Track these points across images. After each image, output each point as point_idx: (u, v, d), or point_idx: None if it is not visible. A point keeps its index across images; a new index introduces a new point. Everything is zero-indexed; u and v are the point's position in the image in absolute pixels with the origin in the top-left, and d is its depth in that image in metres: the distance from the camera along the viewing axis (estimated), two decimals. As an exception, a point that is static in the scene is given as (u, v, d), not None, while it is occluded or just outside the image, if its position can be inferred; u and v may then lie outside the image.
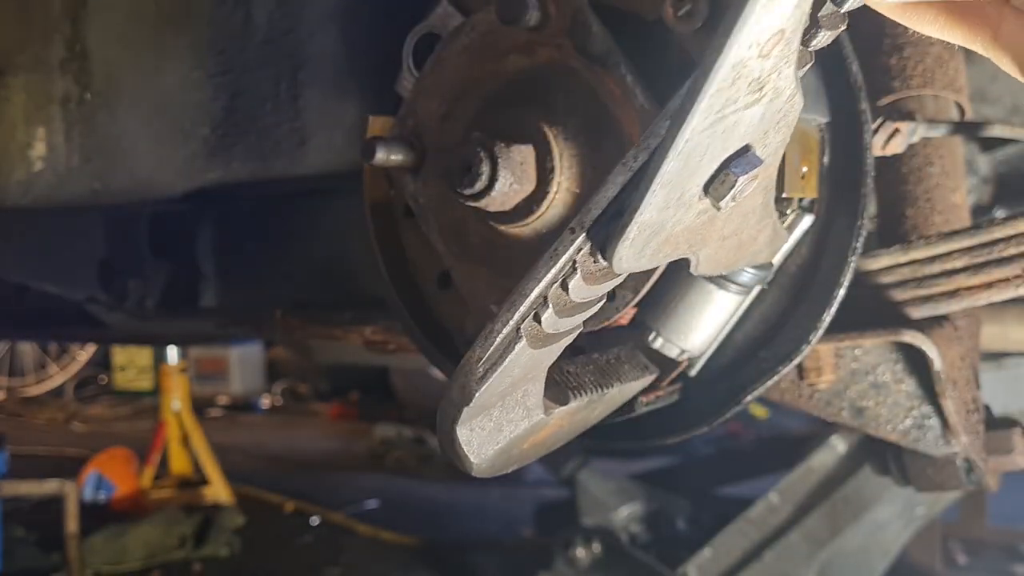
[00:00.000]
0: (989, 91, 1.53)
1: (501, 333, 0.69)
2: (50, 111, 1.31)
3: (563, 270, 0.67)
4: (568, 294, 0.68)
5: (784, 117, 0.64)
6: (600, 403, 0.88)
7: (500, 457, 0.80)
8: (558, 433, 0.87)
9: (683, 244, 0.68)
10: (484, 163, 0.81)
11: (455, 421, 0.74)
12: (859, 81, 0.92)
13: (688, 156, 0.58)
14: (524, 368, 0.73)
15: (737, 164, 0.61)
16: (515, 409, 0.78)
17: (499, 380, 0.72)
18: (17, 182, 1.33)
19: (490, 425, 0.77)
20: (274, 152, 1.22)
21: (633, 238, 0.62)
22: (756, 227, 0.76)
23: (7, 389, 8.89)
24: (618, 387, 0.88)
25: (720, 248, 0.74)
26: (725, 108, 0.57)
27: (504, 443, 0.79)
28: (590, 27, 0.82)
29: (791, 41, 0.57)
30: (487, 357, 0.70)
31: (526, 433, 0.81)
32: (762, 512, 2.95)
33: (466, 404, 0.72)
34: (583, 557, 3.26)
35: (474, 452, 0.77)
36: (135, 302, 1.76)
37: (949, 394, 1.02)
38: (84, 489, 4.70)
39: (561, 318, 0.70)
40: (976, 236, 1.01)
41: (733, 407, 0.96)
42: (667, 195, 0.60)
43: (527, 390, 0.78)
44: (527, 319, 0.69)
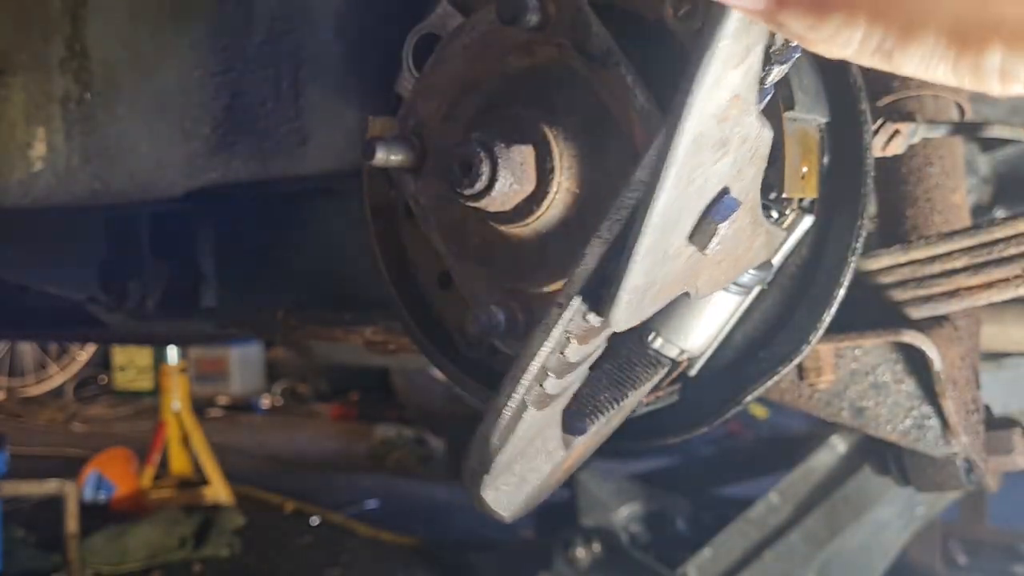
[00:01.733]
0: (989, 91, 1.53)
1: (510, 408, 0.72)
2: (50, 111, 1.31)
3: (559, 342, 0.70)
4: (566, 357, 0.71)
5: (756, 151, 0.65)
6: (618, 414, 0.89)
7: (531, 498, 0.84)
8: (584, 453, 0.89)
9: (678, 286, 0.70)
10: (484, 163, 0.81)
11: (479, 488, 0.78)
12: (859, 81, 0.92)
13: (664, 223, 0.60)
14: (537, 427, 0.76)
15: (716, 212, 0.63)
16: (536, 457, 0.80)
17: (514, 445, 0.75)
18: (17, 182, 1.33)
19: (514, 480, 0.80)
20: (274, 152, 1.22)
21: (627, 302, 0.64)
22: (749, 240, 0.77)
23: (7, 389, 8.89)
24: (633, 393, 0.89)
25: (716, 271, 0.75)
26: (693, 174, 0.59)
27: (532, 489, 0.82)
28: (590, 27, 0.82)
29: (747, 98, 0.58)
30: (498, 431, 0.73)
31: (552, 471, 0.83)
32: (762, 512, 2.95)
33: (485, 473, 0.76)
34: (583, 557, 3.27)
35: (503, 508, 0.80)
36: (135, 302, 1.76)
37: (949, 394, 1.02)
38: (84, 489, 4.70)
39: (563, 378, 0.72)
40: (976, 236, 1.01)
41: (733, 407, 0.96)
42: (652, 257, 0.62)
43: (545, 435, 0.80)
44: (532, 390, 0.72)
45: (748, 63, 0.55)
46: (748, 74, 0.56)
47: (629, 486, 3.61)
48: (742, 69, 0.55)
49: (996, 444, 1.13)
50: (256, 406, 8.57)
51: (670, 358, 0.95)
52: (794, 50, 0.61)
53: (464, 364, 1.02)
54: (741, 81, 0.56)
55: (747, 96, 0.58)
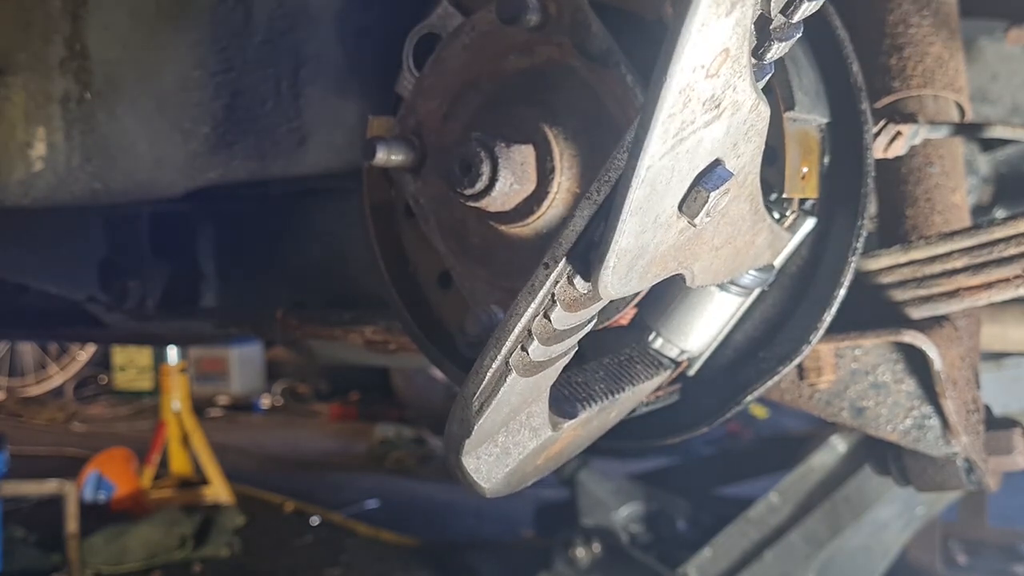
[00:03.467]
0: (989, 91, 1.53)
1: (490, 369, 0.71)
2: (50, 110, 1.31)
3: (543, 304, 0.68)
4: (552, 323, 0.69)
5: (752, 127, 0.64)
6: (614, 407, 0.88)
7: (513, 477, 0.82)
8: (574, 442, 0.88)
9: (672, 262, 0.69)
10: (484, 163, 0.81)
11: (459, 453, 0.76)
12: (859, 82, 0.92)
13: (654, 181, 0.59)
14: (521, 395, 0.74)
15: (707, 180, 0.62)
16: (520, 432, 0.79)
17: (496, 411, 0.73)
18: (17, 182, 1.33)
19: (496, 451, 0.78)
20: (274, 151, 1.22)
21: (614, 265, 0.62)
22: (750, 233, 0.77)
23: (7, 389, 8.89)
24: (631, 389, 0.88)
25: (715, 259, 0.74)
26: (682, 131, 0.58)
27: (514, 464, 0.80)
28: (590, 27, 0.82)
29: (738, 58, 0.57)
30: (480, 392, 0.72)
31: (537, 451, 0.82)
32: (762, 512, 2.95)
33: (466, 437, 0.74)
34: (583, 557, 3.26)
35: (483, 478, 0.79)
36: (135, 302, 1.76)
37: (949, 394, 1.02)
38: (84, 489, 4.70)
39: (549, 346, 0.71)
40: (976, 236, 1.00)
41: (733, 407, 0.96)
42: (640, 221, 0.61)
43: (530, 411, 0.79)
44: (514, 352, 0.71)
45: (737, 15, 0.55)
46: (738, 28, 0.55)
47: (629, 486, 3.61)
48: (732, 20, 0.54)
49: (996, 444, 1.13)
50: (256, 406, 8.57)
51: (671, 359, 0.95)
52: (795, 28, 0.61)
53: (464, 364, 1.02)
54: (731, 34, 0.55)
55: (737, 54, 0.57)
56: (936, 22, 1.16)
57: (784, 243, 0.88)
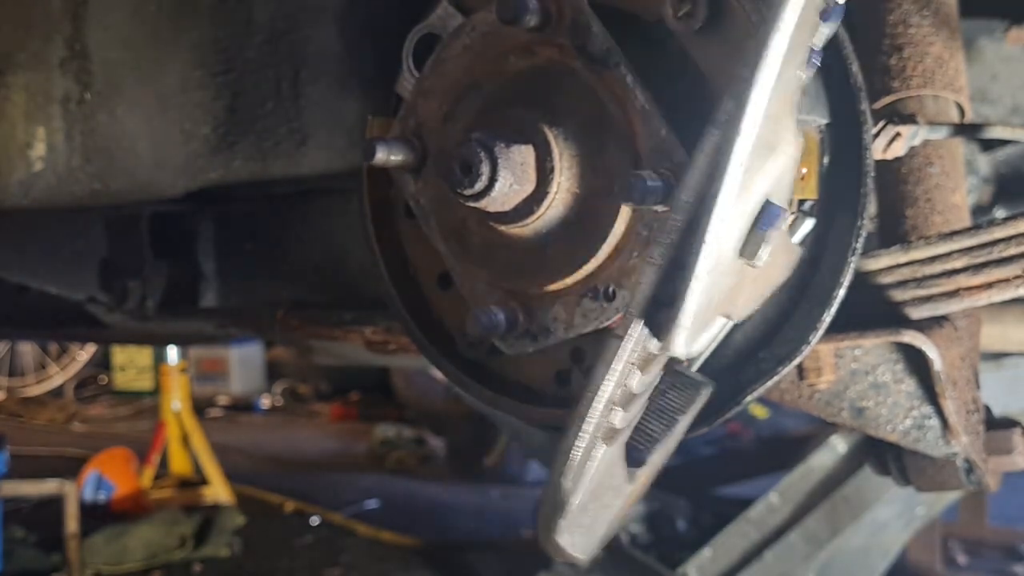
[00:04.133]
0: (989, 91, 1.53)
1: (578, 449, 0.70)
2: (50, 111, 1.31)
3: (623, 375, 0.69)
4: (631, 389, 0.70)
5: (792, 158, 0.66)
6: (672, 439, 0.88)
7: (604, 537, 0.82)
8: (645, 485, 0.88)
9: (725, 304, 0.70)
10: (484, 163, 0.81)
11: (555, 533, 0.75)
12: (859, 82, 0.91)
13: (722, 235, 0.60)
14: (607, 463, 0.75)
15: (764, 221, 0.63)
16: (606, 495, 0.79)
17: (586, 486, 0.73)
18: (17, 182, 1.33)
19: (588, 521, 0.78)
20: (275, 152, 1.22)
21: (688, 325, 0.63)
22: (779, 254, 0.78)
23: (7, 389, 8.89)
24: (682, 418, 0.88)
25: (753, 289, 0.75)
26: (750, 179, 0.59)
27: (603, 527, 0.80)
28: (590, 27, 0.82)
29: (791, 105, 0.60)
30: (571, 475, 0.72)
31: (621, 507, 0.82)
32: (762, 512, 2.95)
33: (562, 518, 0.74)
34: (583, 557, 3.26)
35: (579, 551, 0.78)
36: (135, 302, 1.76)
37: (949, 394, 1.02)
38: (84, 489, 4.70)
39: (629, 411, 0.71)
40: (976, 236, 1.00)
41: (733, 407, 0.96)
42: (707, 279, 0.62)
43: (612, 472, 0.79)
44: (600, 426, 0.70)
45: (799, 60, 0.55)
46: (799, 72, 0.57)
47: (629, 486, 3.61)
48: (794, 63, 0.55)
49: (996, 444, 1.12)
50: (256, 406, 8.58)
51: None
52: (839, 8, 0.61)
53: (464, 364, 1.02)
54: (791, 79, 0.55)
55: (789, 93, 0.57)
56: (936, 22, 1.16)
57: (796, 257, 0.88)
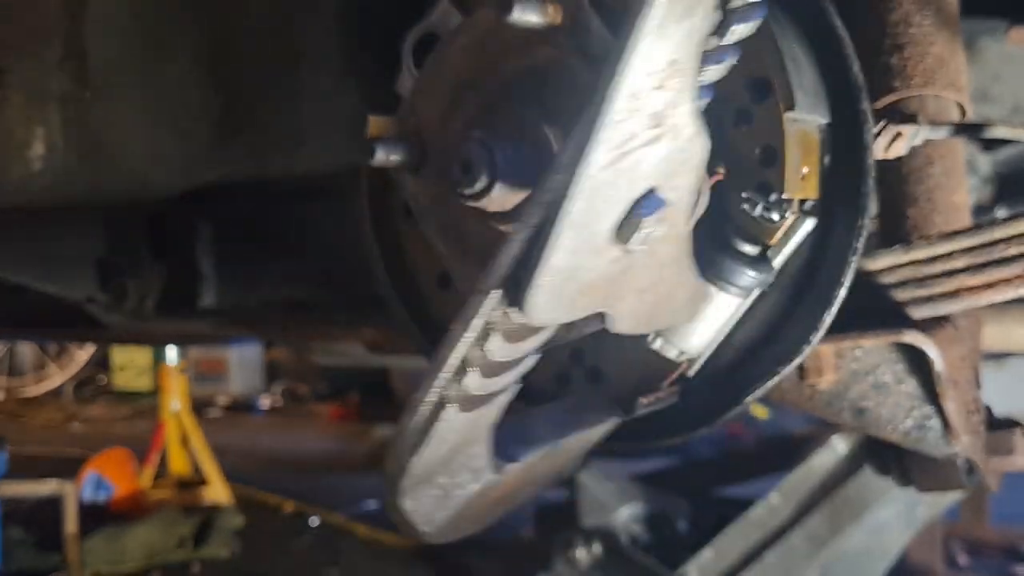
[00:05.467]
0: (991, 91, 1.53)
1: (427, 402, 0.68)
2: (48, 110, 1.30)
3: (479, 333, 0.66)
4: (489, 355, 0.67)
5: (689, 159, 0.64)
6: (561, 453, 0.85)
7: (456, 520, 0.78)
8: (518, 489, 0.84)
9: (599, 295, 0.67)
10: (484, 163, 0.81)
11: (395, 494, 0.72)
12: (860, 81, 0.91)
13: (592, 195, 0.58)
14: (461, 433, 0.71)
15: (644, 206, 0.61)
16: (461, 473, 0.76)
17: (433, 448, 0.70)
18: (15, 181, 1.32)
19: (436, 492, 0.75)
20: (273, 151, 1.22)
21: (545, 284, 0.61)
22: (674, 282, 0.75)
23: (6, 389, 8.89)
24: (576, 435, 0.85)
25: (638, 303, 0.73)
26: (625, 144, 0.57)
27: (455, 507, 0.77)
28: (590, 27, 0.82)
29: (686, 74, 0.57)
30: (415, 428, 0.69)
31: (479, 495, 0.78)
32: (763, 513, 2.95)
33: (400, 476, 0.71)
34: (583, 558, 3.26)
35: (421, 520, 0.75)
36: (134, 302, 1.76)
37: (950, 395, 1.01)
38: (83, 489, 4.70)
39: (489, 379, 0.68)
40: (977, 236, 1.00)
41: (734, 408, 0.96)
42: (575, 237, 0.60)
43: (471, 453, 0.75)
44: (451, 385, 0.68)
45: (692, 24, 0.54)
46: (690, 39, 0.55)
47: (630, 487, 3.61)
48: (684, 27, 0.53)
49: (997, 444, 1.12)
50: (255, 406, 8.57)
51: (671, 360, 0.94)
52: (759, 7, 0.60)
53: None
54: (682, 42, 0.54)
55: (685, 70, 0.56)
56: (937, 21, 1.15)
57: (703, 300, 0.87)
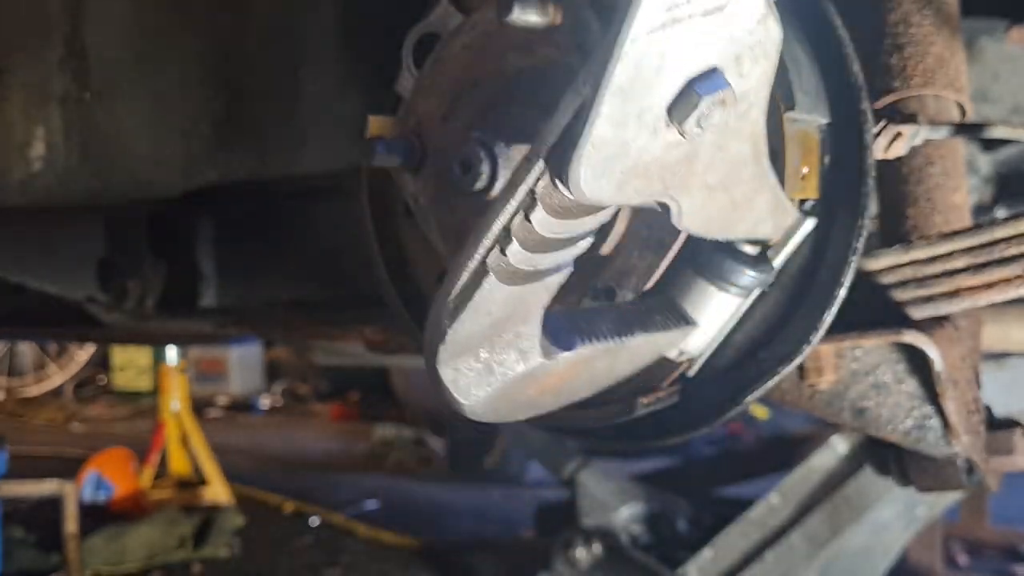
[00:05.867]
0: (990, 91, 1.53)
1: (467, 268, 0.67)
2: (49, 110, 1.31)
3: (522, 202, 0.64)
4: (534, 227, 0.65)
5: (759, 44, 0.59)
6: (623, 352, 0.82)
7: (500, 401, 0.76)
8: (575, 382, 0.82)
9: (656, 182, 0.63)
10: (484, 163, 0.81)
11: (435, 361, 0.71)
12: (860, 81, 0.91)
13: (640, 62, 0.54)
14: (503, 306, 0.69)
15: (701, 84, 0.57)
16: (507, 351, 0.74)
17: (474, 317, 0.68)
18: (16, 181, 1.32)
19: (478, 366, 0.73)
20: (274, 151, 1.22)
21: (589, 155, 0.57)
22: (750, 186, 0.71)
23: (6, 389, 8.89)
24: (643, 336, 0.82)
25: (708, 201, 0.68)
26: (678, 6, 0.53)
27: (499, 385, 0.74)
28: (590, 26, 0.82)
29: None
30: (456, 293, 0.68)
31: (527, 378, 0.76)
32: (763, 513, 2.95)
33: (440, 342, 0.69)
34: (583, 558, 3.26)
35: (461, 392, 0.73)
36: (134, 302, 1.76)
37: (950, 395, 1.01)
38: (83, 489, 4.70)
39: (533, 253, 0.66)
40: (977, 236, 1.00)
41: (733, 408, 0.96)
42: (622, 107, 0.56)
43: (519, 332, 0.73)
44: (492, 252, 0.66)
45: None
46: None
47: (630, 486, 3.61)
48: None
49: (997, 445, 1.12)
50: (256, 406, 8.57)
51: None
52: None
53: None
54: None
55: None
56: (937, 21, 1.15)
57: (789, 218, 0.85)
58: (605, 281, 0.87)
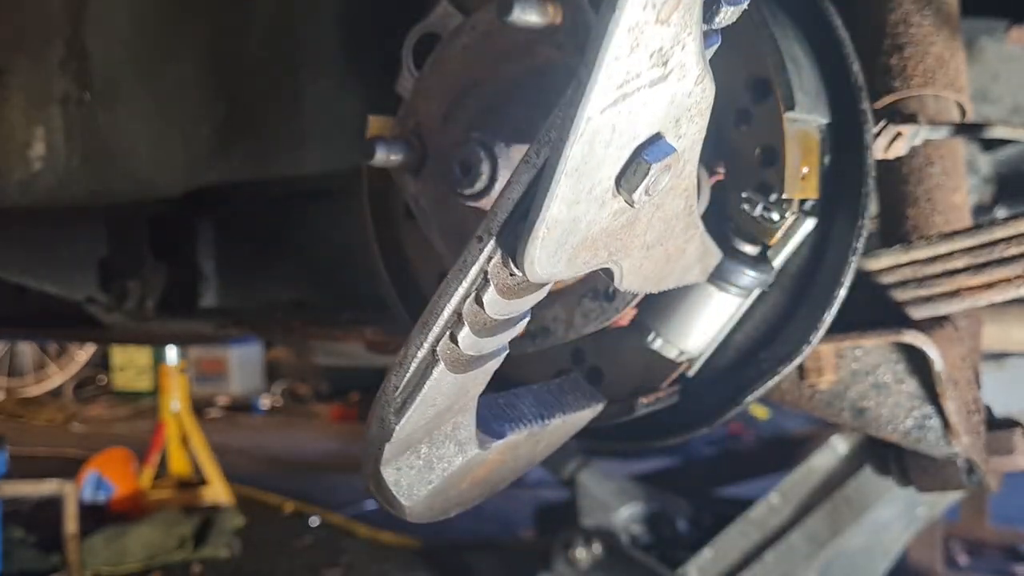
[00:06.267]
0: (990, 91, 1.53)
1: (416, 357, 0.64)
2: (49, 111, 1.31)
3: (475, 283, 0.63)
4: (484, 310, 0.63)
5: (697, 104, 0.60)
6: (544, 436, 0.82)
7: (436, 499, 0.74)
8: (501, 470, 0.80)
9: (603, 250, 0.63)
10: (484, 163, 0.81)
11: (378, 461, 0.68)
12: (860, 81, 0.91)
13: (592, 139, 0.55)
14: (448, 396, 0.67)
15: (649, 152, 0.58)
16: (446, 444, 0.71)
17: (420, 410, 0.66)
18: (16, 182, 1.33)
19: (419, 463, 0.71)
20: (274, 152, 1.22)
21: (543, 238, 0.57)
22: (682, 237, 0.72)
23: (6, 389, 8.89)
24: (561, 418, 0.82)
25: (645, 259, 0.69)
26: (627, 83, 0.54)
27: (437, 482, 0.72)
28: (590, 26, 0.82)
29: (690, 8, 0.54)
30: (404, 385, 0.65)
31: (462, 471, 0.74)
32: (763, 513, 2.95)
33: (386, 440, 0.66)
34: (583, 558, 3.26)
35: (404, 494, 0.71)
36: (135, 302, 1.76)
37: (950, 395, 1.01)
38: (83, 490, 4.69)
39: (481, 338, 0.64)
40: (977, 236, 1.00)
41: (734, 408, 0.96)
42: (575, 186, 0.56)
43: (456, 423, 0.71)
44: (442, 340, 0.64)
45: None
46: None
47: (630, 486, 3.61)
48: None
49: (997, 444, 1.12)
50: (256, 407, 8.57)
51: (671, 360, 0.95)
52: None
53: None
54: None
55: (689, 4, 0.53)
56: (937, 21, 1.15)
57: (714, 261, 0.84)
58: (605, 281, 0.87)
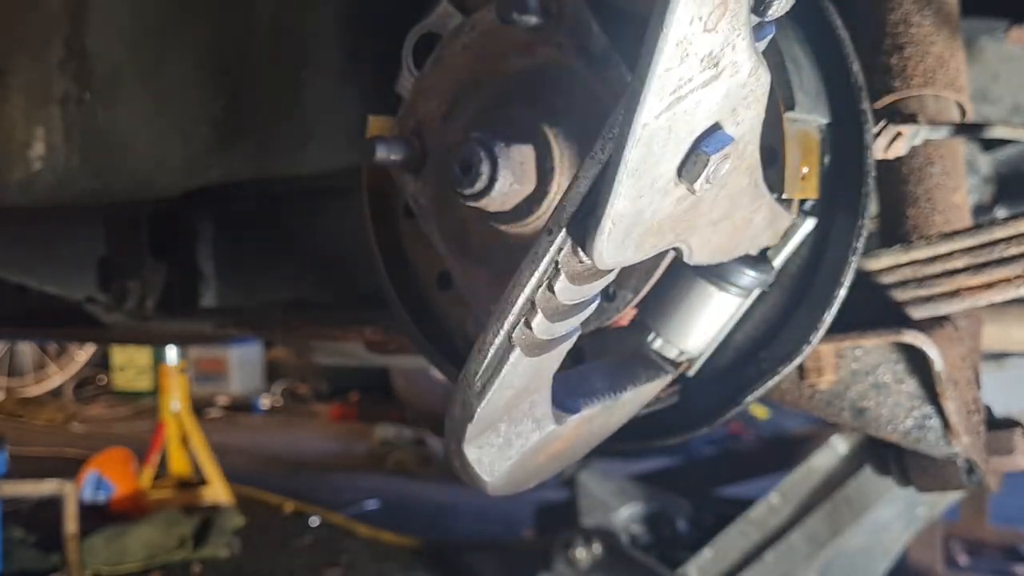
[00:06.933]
0: (990, 91, 1.53)
1: (494, 344, 0.68)
2: (49, 110, 1.31)
3: (546, 273, 0.66)
4: (556, 296, 0.67)
5: (752, 92, 0.62)
6: (616, 408, 0.86)
7: (516, 473, 0.78)
8: (577, 443, 0.85)
9: (668, 233, 0.67)
10: (484, 163, 0.81)
11: (461, 440, 0.72)
12: (860, 81, 0.91)
13: (650, 142, 0.57)
14: (524, 378, 0.71)
15: (707, 144, 0.60)
16: (523, 421, 0.76)
17: (499, 393, 0.70)
18: (16, 182, 1.32)
19: (499, 441, 0.75)
20: (274, 151, 1.22)
21: (610, 231, 0.60)
22: (749, 208, 0.75)
23: (6, 389, 8.89)
24: (632, 390, 0.86)
25: (713, 234, 0.72)
26: (680, 88, 0.56)
27: (516, 458, 0.76)
28: (591, 27, 0.82)
29: (737, 13, 0.56)
30: (483, 370, 0.69)
31: (539, 446, 0.78)
32: (763, 513, 2.95)
33: (469, 421, 0.71)
34: (583, 558, 3.26)
35: (486, 470, 0.75)
36: (135, 302, 1.76)
37: (950, 395, 1.01)
38: (83, 489, 4.69)
39: (553, 322, 0.68)
40: (977, 236, 1.00)
41: (734, 407, 0.96)
42: (636, 184, 0.59)
43: (533, 401, 0.76)
44: (518, 327, 0.68)
45: None
46: None
47: (630, 486, 3.61)
48: None
49: (997, 444, 1.12)
50: (256, 406, 8.57)
51: (671, 360, 0.95)
52: None
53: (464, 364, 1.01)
54: None
55: (736, 9, 0.55)
56: (937, 21, 1.15)
57: (785, 223, 0.87)
58: (605, 281, 0.87)
